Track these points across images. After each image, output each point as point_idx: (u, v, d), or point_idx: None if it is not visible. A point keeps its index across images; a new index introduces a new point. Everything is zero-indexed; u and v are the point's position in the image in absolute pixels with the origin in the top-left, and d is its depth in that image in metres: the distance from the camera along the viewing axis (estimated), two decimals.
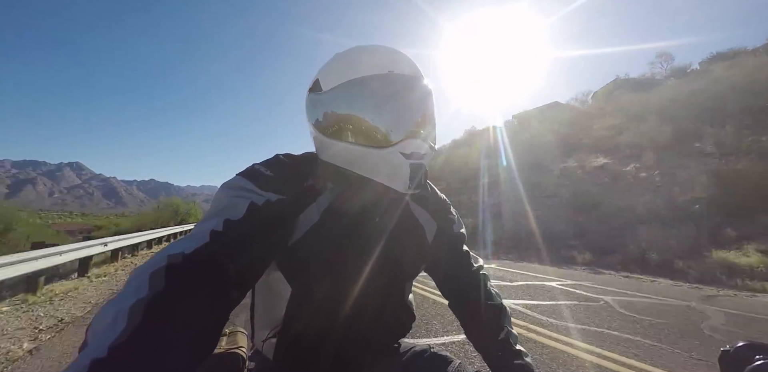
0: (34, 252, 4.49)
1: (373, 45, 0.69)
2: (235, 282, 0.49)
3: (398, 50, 0.68)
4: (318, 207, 0.65)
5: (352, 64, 0.65)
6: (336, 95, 0.64)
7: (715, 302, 4.70)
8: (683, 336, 3.26)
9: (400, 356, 0.77)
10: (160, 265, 0.43)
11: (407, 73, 0.66)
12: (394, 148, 0.60)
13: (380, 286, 0.69)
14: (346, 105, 0.63)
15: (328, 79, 0.65)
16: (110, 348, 0.35)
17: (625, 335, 3.27)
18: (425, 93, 0.66)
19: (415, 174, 0.61)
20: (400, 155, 0.60)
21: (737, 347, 0.50)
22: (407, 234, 0.74)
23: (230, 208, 0.54)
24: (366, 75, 0.62)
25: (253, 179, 0.60)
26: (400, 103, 0.62)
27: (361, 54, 0.66)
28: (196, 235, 0.49)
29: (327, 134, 0.65)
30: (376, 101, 0.61)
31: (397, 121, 0.62)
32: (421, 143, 0.62)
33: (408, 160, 0.60)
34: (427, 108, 0.66)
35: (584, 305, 4.37)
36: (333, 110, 0.64)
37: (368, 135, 0.61)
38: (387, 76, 0.63)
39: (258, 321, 0.73)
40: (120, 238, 7.79)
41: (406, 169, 0.61)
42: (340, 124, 0.63)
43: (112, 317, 0.38)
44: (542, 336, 3.21)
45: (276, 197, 0.58)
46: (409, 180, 0.61)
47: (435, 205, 0.82)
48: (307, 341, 0.67)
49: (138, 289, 0.40)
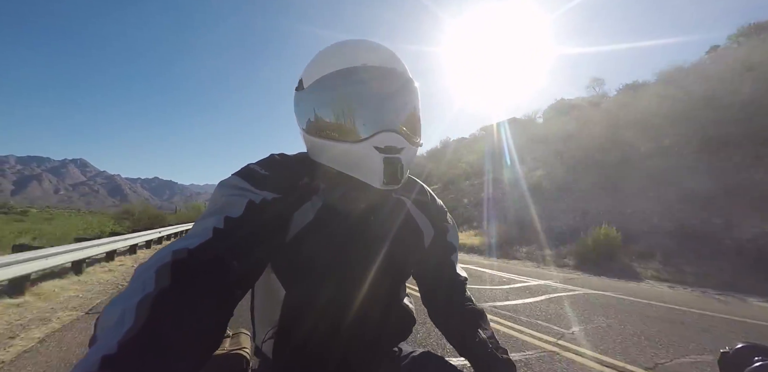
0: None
1: (352, 39, 0.67)
2: (238, 279, 0.49)
3: (377, 43, 0.66)
4: (313, 206, 0.65)
5: (328, 59, 0.64)
6: (312, 92, 0.63)
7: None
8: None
9: (399, 361, 0.77)
10: (165, 261, 0.44)
11: (382, 64, 0.63)
12: (368, 142, 0.58)
13: (375, 286, 0.69)
14: (321, 101, 0.62)
15: (308, 77, 0.65)
16: (120, 345, 0.35)
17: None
18: (402, 84, 0.64)
19: (391, 168, 0.59)
20: (373, 149, 0.58)
21: (737, 349, 0.51)
22: (406, 237, 0.74)
23: (229, 206, 0.55)
24: (339, 69, 0.61)
25: (249, 178, 0.60)
26: (372, 95, 0.60)
27: (337, 49, 0.65)
28: (198, 232, 0.50)
29: (309, 132, 0.65)
30: (346, 94, 0.60)
31: (370, 114, 0.60)
32: (397, 137, 0.59)
33: (382, 155, 0.58)
34: (405, 100, 0.64)
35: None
36: (312, 107, 0.64)
37: (342, 130, 0.60)
38: (359, 68, 0.61)
39: (258, 320, 0.73)
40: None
41: (380, 164, 0.58)
42: (318, 120, 0.63)
43: (121, 313, 0.38)
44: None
45: (272, 196, 0.58)
46: (383, 175, 0.59)
47: (434, 211, 0.82)
48: (303, 341, 0.67)
49: (144, 285, 0.41)
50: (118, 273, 6.49)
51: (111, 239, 7.63)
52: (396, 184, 0.61)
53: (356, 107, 0.60)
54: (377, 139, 0.58)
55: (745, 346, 0.50)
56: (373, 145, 0.58)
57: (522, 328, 3.52)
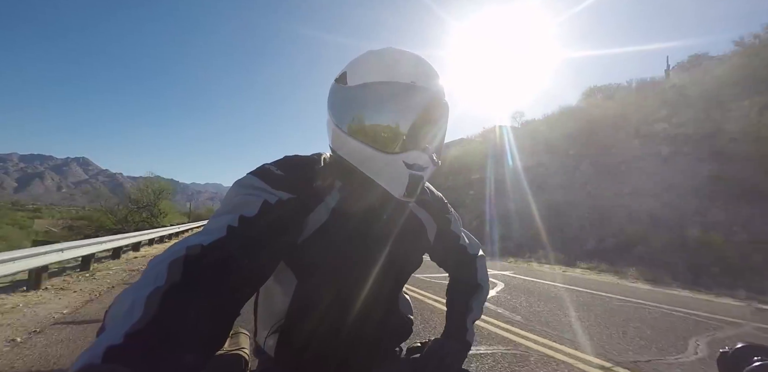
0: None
1: (405, 51, 0.70)
2: (248, 277, 0.50)
3: (426, 61, 0.69)
4: (326, 206, 0.66)
5: (379, 65, 0.66)
6: (358, 93, 0.65)
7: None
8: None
9: (401, 362, 0.79)
10: (179, 255, 0.44)
11: (429, 87, 0.66)
12: (399, 157, 0.62)
13: (378, 287, 0.70)
14: (365, 105, 0.64)
15: (354, 74, 0.67)
16: (126, 336, 0.35)
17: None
18: (443, 110, 0.68)
19: (414, 184, 0.63)
20: (402, 164, 0.62)
21: (736, 349, 0.51)
22: (411, 235, 0.76)
23: (244, 205, 0.55)
24: (390, 81, 0.64)
25: (265, 178, 0.61)
26: (416, 116, 0.64)
27: (391, 57, 0.68)
28: (212, 229, 0.51)
29: (342, 128, 0.66)
30: (394, 109, 0.63)
31: (409, 133, 0.64)
32: (425, 157, 0.64)
33: (409, 171, 0.62)
34: (441, 125, 0.69)
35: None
36: (353, 107, 0.66)
37: (379, 138, 0.63)
38: (410, 86, 0.64)
39: (261, 319, 0.74)
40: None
41: (406, 178, 0.63)
42: (356, 121, 0.65)
43: (130, 304, 0.39)
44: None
45: (287, 196, 0.59)
46: (406, 189, 0.63)
47: (434, 204, 0.85)
48: (306, 341, 0.68)
49: (156, 277, 0.41)
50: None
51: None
52: (412, 198, 0.66)
53: (399, 123, 0.64)
54: (409, 156, 0.63)
55: (744, 346, 0.50)
56: (402, 159, 0.62)
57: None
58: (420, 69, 0.67)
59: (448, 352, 0.78)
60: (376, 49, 0.70)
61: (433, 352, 0.78)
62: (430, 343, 0.81)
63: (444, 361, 0.76)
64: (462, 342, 0.82)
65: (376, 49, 0.70)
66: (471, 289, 0.91)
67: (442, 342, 0.81)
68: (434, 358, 0.77)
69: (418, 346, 0.84)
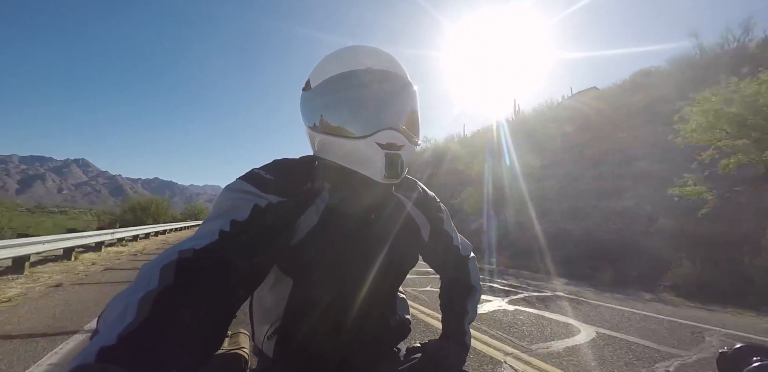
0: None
1: (358, 45, 0.73)
2: (242, 280, 0.50)
3: (380, 49, 0.71)
4: (317, 208, 0.66)
5: (335, 62, 0.68)
6: (319, 91, 0.67)
7: None
8: None
9: (399, 362, 0.79)
10: (171, 259, 0.44)
11: (385, 68, 0.68)
12: (370, 139, 0.62)
13: (376, 286, 0.70)
14: (328, 100, 0.66)
15: (315, 78, 0.69)
16: (119, 337, 0.35)
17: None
18: (402, 87, 0.69)
19: (391, 164, 0.63)
20: (375, 145, 0.62)
21: (735, 349, 0.50)
22: (405, 235, 0.76)
23: (235, 209, 0.56)
24: (345, 71, 0.65)
25: (254, 182, 0.61)
26: (376, 96, 0.65)
27: (343, 53, 0.70)
28: (204, 234, 0.51)
29: (315, 129, 0.68)
30: (352, 94, 0.64)
31: (373, 113, 0.64)
32: (398, 135, 0.64)
33: (384, 150, 0.62)
34: (405, 101, 0.69)
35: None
36: (319, 106, 0.67)
37: (348, 127, 0.64)
38: (365, 71, 0.66)
39: (257, 320, 0.74)
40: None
41: (381, 159, 0.62)
42: (324, 118, 0.66)
43: (123, 308, 0.39)
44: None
45: (277, 199, 0.60)
46: (384, 169, 0.62)
47: (428, 205, 0.86)
48: (305, 341, 0.68)
49: (149, 281, 0.41)
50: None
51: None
52: (396, 178, 0.65)
53: (360, 107, 0.64)
54: (379, 136, 0.62)
55: (743, 347, 0.50)
56: (375, 141, 0.62)
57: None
58: (375, 56, 0.69)
59: (448, 354, 0.78)
60: (330, 52, 0.72)
61: (435, 353, 0.78)
62: (430, 344, 0.81)
63: (445, 362, 0.76)
64: (461, 343, 0.83)
65: (330, 52, 0.72)
66: (466, 291, 0.91)
67: (442, 343, 0.81)
68: (436, 359, 0.77)
69: (418, 347, 0.84)
